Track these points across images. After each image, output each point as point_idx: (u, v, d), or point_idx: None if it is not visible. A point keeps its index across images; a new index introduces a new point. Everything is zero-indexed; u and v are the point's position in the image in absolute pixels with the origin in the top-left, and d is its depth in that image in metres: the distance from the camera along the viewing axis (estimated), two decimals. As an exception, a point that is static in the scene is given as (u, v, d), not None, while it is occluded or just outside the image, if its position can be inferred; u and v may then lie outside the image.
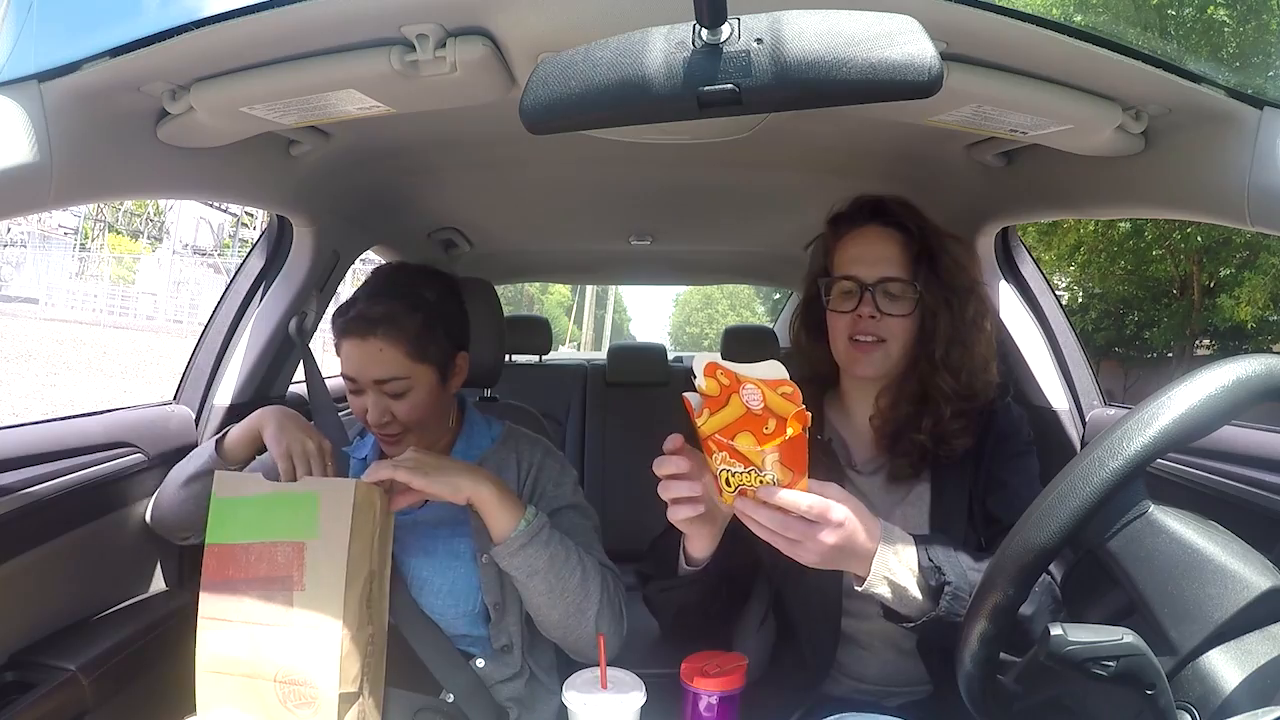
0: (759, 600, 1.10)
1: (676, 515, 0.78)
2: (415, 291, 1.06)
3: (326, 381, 1.29)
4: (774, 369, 0.69)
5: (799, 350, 1.11)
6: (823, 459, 1.01)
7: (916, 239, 1.00)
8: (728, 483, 0.72)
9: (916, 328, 1.00)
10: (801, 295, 1.12)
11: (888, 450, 1.02)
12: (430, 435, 1.12)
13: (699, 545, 0.87)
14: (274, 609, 0.88)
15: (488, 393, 1.87)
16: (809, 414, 0.69)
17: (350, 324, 1.03)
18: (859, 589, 0.81)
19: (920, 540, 0.84)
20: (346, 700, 0.87)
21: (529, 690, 1.10)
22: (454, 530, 1.07)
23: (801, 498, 0.72)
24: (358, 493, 0.90)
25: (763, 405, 0.69)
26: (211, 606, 0.90)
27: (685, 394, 0.72)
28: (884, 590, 0.81)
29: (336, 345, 1.06)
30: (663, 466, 0.77)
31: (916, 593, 0.81)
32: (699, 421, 0.71)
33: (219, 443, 1.09)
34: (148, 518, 1.22)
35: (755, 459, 0.71)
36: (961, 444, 0.98)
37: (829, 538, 0.73)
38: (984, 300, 1.02)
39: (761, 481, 0.72)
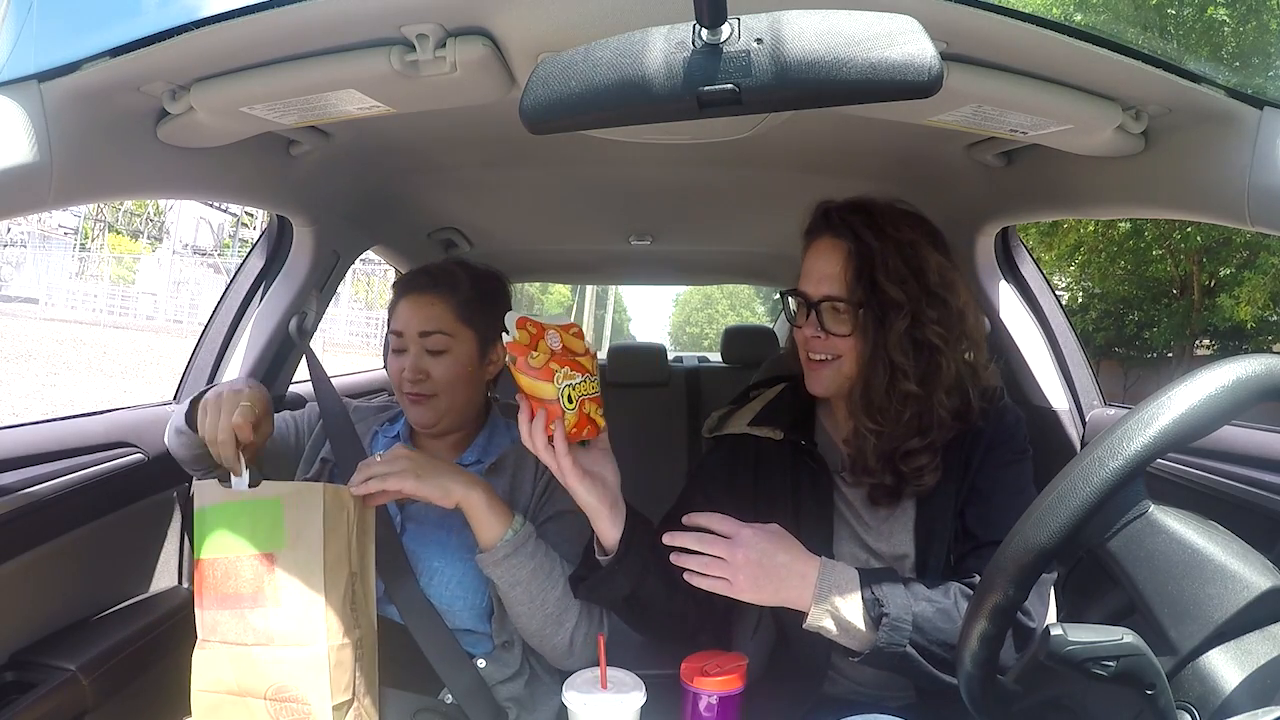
0: (754, 605, 1.10)
1: (565, 466, 0.88)
2: (472, 270, 1.18)
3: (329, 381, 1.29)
4: (563, 319, 0.91)
5: (790, 354, 1.09)
6: (810, 464, 1.01)
7: (854, 252, 0.92)
8: (569, 398, 0.86)
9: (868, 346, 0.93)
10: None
11: (863, 472, 0.98)
12: (457, 417, 1.15)
13: (602, 527, 0.90)
14: (251, 630, 0.86)
15: (489, 392, 1.87)
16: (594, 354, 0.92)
17: (410, 279, 1.14)
18: (805, 626, 0.85)
19: (866, 572, 0.88)
20: (341, 709, 0.86)
21: (529, 690, 1.10)
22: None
23: (714, 515, 0.87)
24: (326, 496, 0.88)
25: (562, 345, 0.89)
26: (199, 625, 0.89)
27: (507, 342, 0.87)
28: (828, 624, 0.85)
29: (391, 309, 1.15)
30: (523, 423, 0.88)
31: (861, 625, 0.84)
32: (533, 357, 0.86)
33: (193, 403, 1.05)
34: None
35: (588, 365, 0.90)
36: (929, 481, 0.93)
37: (740, 547, 0.84)
38: (934, 320, 0.91)
39: (594, 386, 0.90)
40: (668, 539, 0.86)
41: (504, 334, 0.87)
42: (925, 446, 0.93)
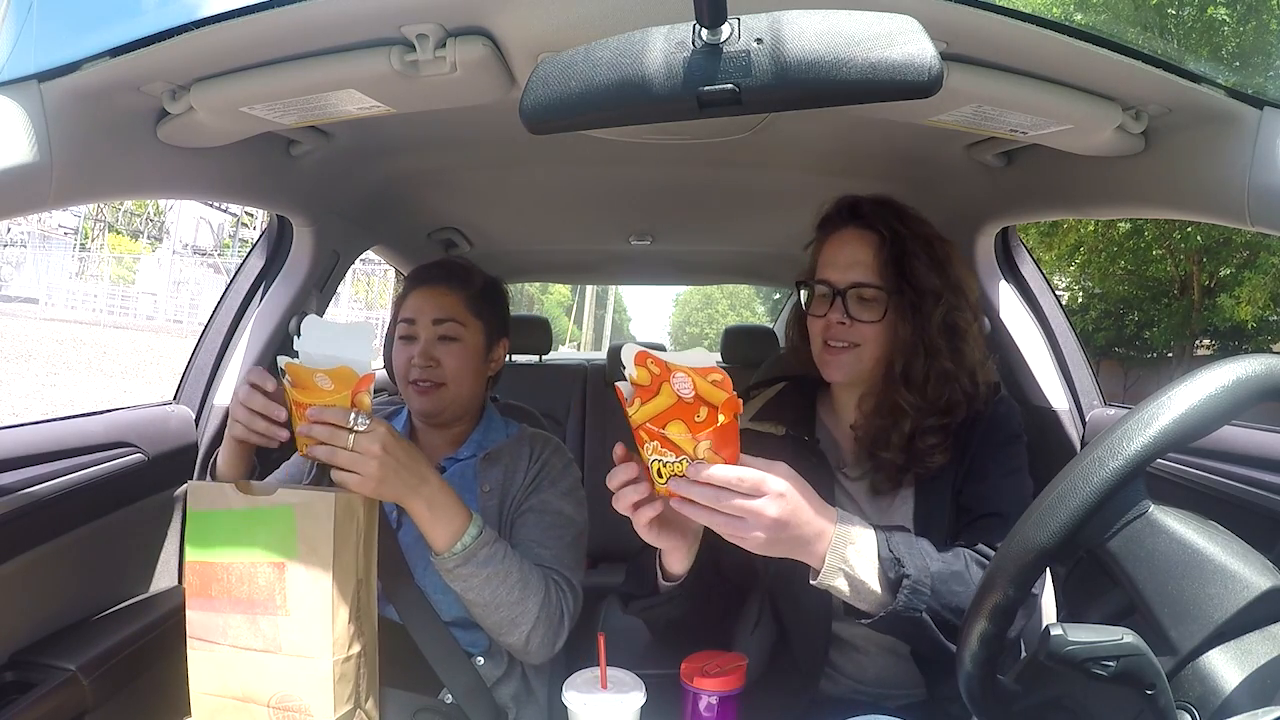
0: (753, 602, 1.10)
1: (641, 519, 0.77)
2: (480, 270, 1.22)
3: None
4: (703, 357, 0.69)
5: (791, 350, 1.10)
6: (811, 459, 1.01)
7: (889, 242, 0.97)
8: (659, 473, 0.73)
9: (890, 334, 0.97)
10: (795, 296, 1.12)
11: (869, 459, 1.00)
12: (460, 408, 1.17)
13: (674, 560, 0.85)
14: (261, 635, 0.85)
15: (489, 392, 1.87)
16: (740, 401, 0.69)
17: (424, 272, 1.17)
18: (813, 582, 0.79)
19: (881, 530, 0.83)
20: (344, 718, 0.86)
21: (525, 689, 1.10)
22: None
23: (733, 470, 0.70)
24: (338, 505, 0.85)
25: (694, 393, 0.69)
26: (198, 627, 0.88)
27: (617, 383, 0.73)
28: (840, 582, 0.79)
29: (400, 300, 1.17)
30: (614, 477, 0.76)
31: (876, 585, 0.80)
32: (630, 410, 0.72)
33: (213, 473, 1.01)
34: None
35: (687, 447, 0.71)
36: (938, 460, 0.96)
37: (770, 508, 0.71)
38: (960, 307, 0.97)
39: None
40: (675, 487, 0.73)
41: (621, 368, 0.72)
42: (942, 426, 0.96)
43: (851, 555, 0.79)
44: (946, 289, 0.96)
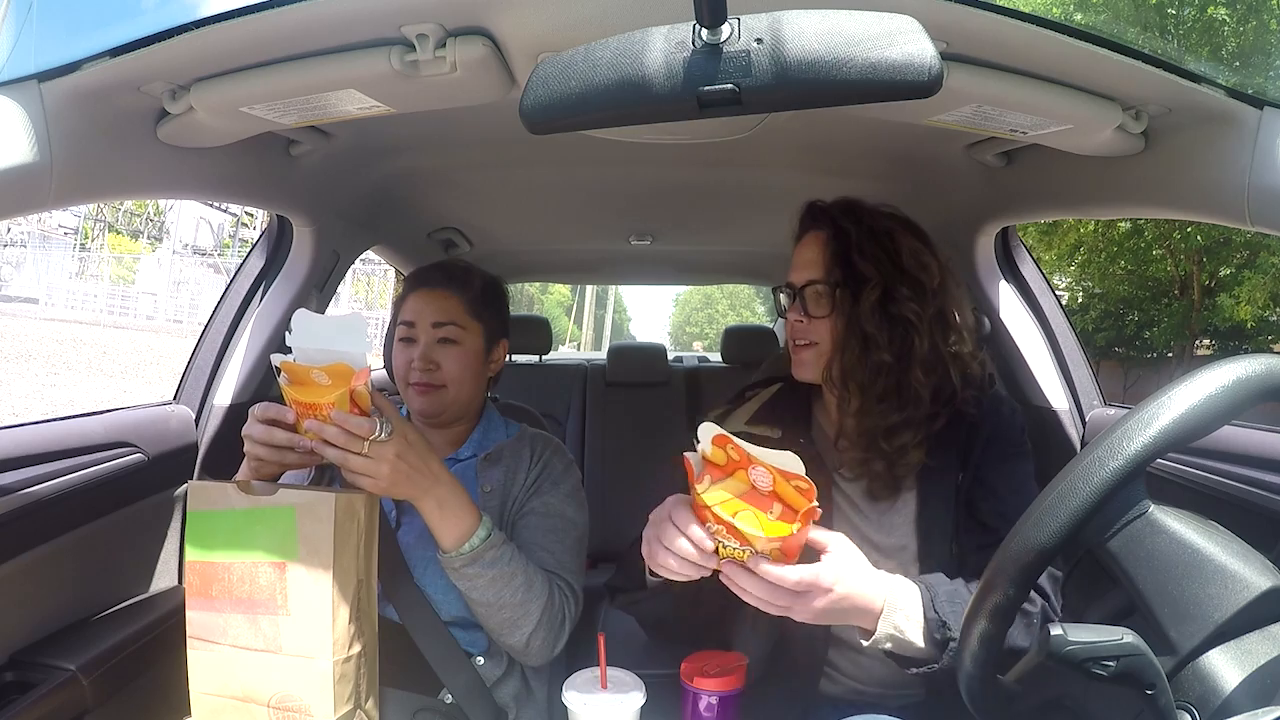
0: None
1: (671, 572, 0.76)
2: (480, 271, 1.22)
3: None
4: (792, 462, 0.66)
5: (788, 355, 1.11)
6: (809, 463, 1.01)
7: (833, 237, 0.97)
8: (716, 552, 0.72)
9: (838, 328, 0.96)
10: None
11: (861, 463, 0.99)
12: (460, 409, 1.16)
13: None
14: (262, 635, 0.85)
15: (488, 393, 1.87)
16: (818, 510, 0.68)
17: (424, 274, 1.17)
18: (865, 643, 0.83)
19: (927, 589, 0.85)
20: (344, 718, 0.86)
21: (525, 689, 1.10)
22: None
23: (789, 572, 0.72)
24: (338, 506, 0.84)
25: (772, 489, 0.68)
26: (198, 627, 0.88)
27: (686, 454, 0.71)
28: (888, 645, 0.83)
29: (400, 301, 1.17)
30: (678, 552, 0.73)
31: (922, 644, 0.83)
32: (699, 487, 0.70)
33: None
34: None
35: (755, 543, 0.69)
36: (914, 459, 0.95)
37: (818, 603, 0.75)
38: (907, 298, 0.93)
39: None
40: (730, 572, 0.74)
41: (695, 440, 0.71)
42: (904, 422, 0.94)
43: (901, 621, 0.82)
44: (891, 275, 0.94)
